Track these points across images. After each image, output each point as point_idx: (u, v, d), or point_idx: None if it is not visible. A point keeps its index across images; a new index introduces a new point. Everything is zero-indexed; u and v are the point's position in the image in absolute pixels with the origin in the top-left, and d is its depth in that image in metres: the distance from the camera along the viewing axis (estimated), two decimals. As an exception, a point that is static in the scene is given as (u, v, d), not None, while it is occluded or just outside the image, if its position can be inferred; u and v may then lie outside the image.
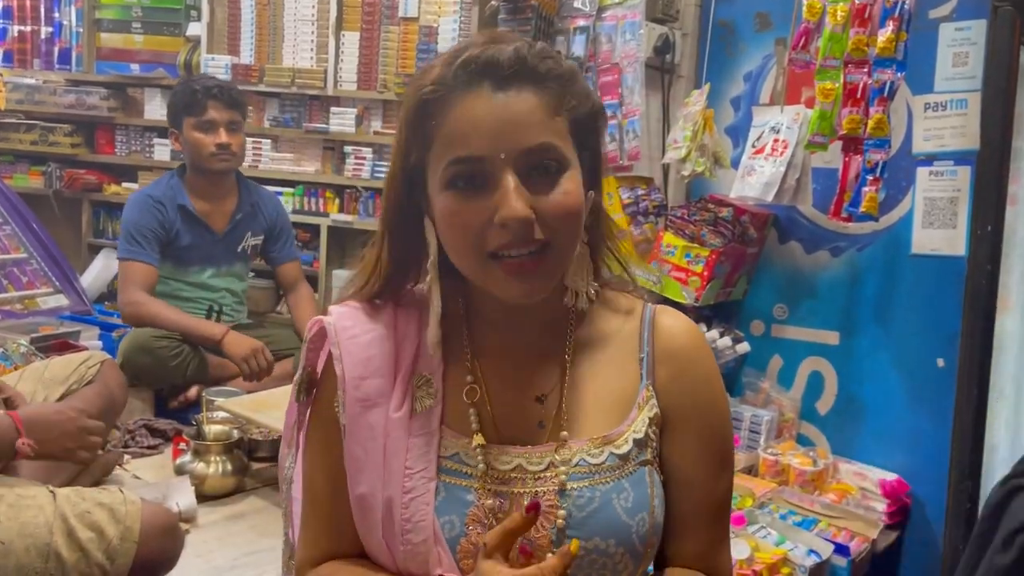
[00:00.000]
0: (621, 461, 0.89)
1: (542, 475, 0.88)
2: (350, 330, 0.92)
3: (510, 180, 0.81)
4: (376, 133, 3.50)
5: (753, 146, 2.34)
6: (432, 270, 0.90)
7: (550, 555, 0.83)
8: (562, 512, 0.86)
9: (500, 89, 0.82)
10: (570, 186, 0.84)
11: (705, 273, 2.34)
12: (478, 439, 0.89)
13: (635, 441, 0.90)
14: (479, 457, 0.88)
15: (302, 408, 0.97)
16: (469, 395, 0.91)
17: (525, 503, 0.85)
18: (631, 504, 0.88)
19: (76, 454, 1.56)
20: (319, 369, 0.97)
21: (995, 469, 2.60)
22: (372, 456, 0.89)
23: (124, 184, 3.96)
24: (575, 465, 0.88)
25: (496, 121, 0.82)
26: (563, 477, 0.87)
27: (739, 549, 1.77)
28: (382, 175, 3.48)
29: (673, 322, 0.96)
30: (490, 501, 0.87)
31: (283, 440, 1.02)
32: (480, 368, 0.92)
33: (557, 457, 0.88)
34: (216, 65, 3.64)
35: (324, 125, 3.55)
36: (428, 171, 0.87)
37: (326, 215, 3.56)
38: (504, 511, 0.86)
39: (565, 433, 0.89)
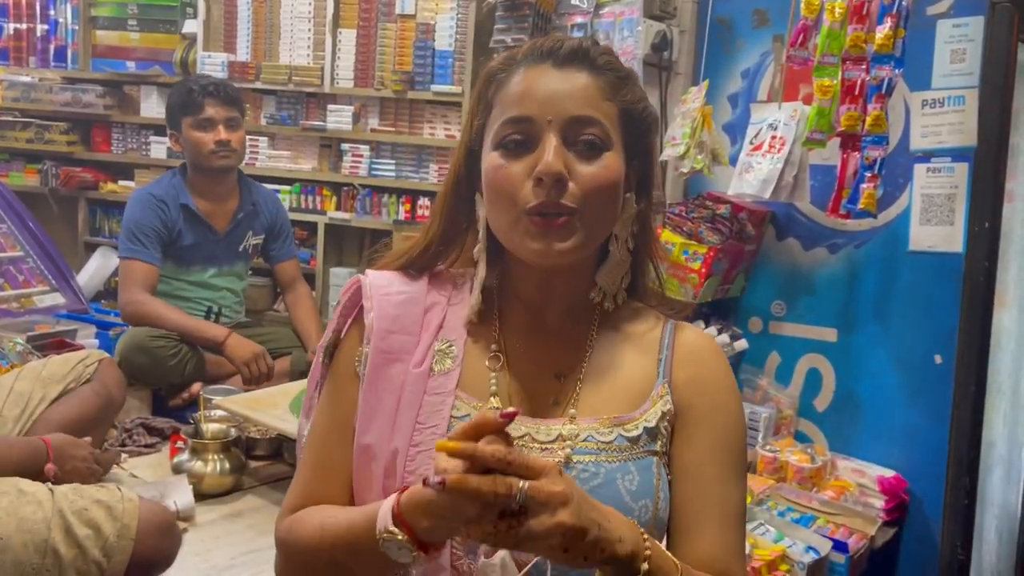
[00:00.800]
0: (630, 444, 0.91)
1: (549, 446, 0.90)
2: (384, 288, 0.98)
3: (552, 139, 0.88)
4: (373, 130, 3.49)
5: (751, 143, 2.34)
6: (481, 241, 0.96)
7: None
8: None
9: (560, 67, 0.91)
10: (611, 162, 0.90)
11: (703, 270, 2.34)
12: (494, 401, 0.93)
13: (646, 429, 0.93)
14: None
15: (324, 371, 1.01)
16: (492, 362, 0.96)
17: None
18: (636, 488, 0.90)
19: (86, 480, 1.70)
20: (346, 329, 1.00)
21: (993, 465, 2.61)
22: (386, 406, 0.92)
23: (121, 182, 3.95)
24: (583, 440, 0.90)
25: (549, 89, 0.90)
26: (569, 450, 0.89)
27: (738, 546, 1.77)
28: (379, 173, 3.48)
29: (694, 333, 1.01)
30: None
31: (302, 410, 1.06)
32: (505, 341, 0.97)
33: (566, 431, 0.91)
34: (212, 63, 3.63)
35: (321, 123, 3.54)
36: (486, 135, 0.94)
37: (323, 213, 3.56)
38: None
39: (574, 411, 0.93)
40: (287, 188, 3.59)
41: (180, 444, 2.07)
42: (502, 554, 0.85)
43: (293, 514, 0.96)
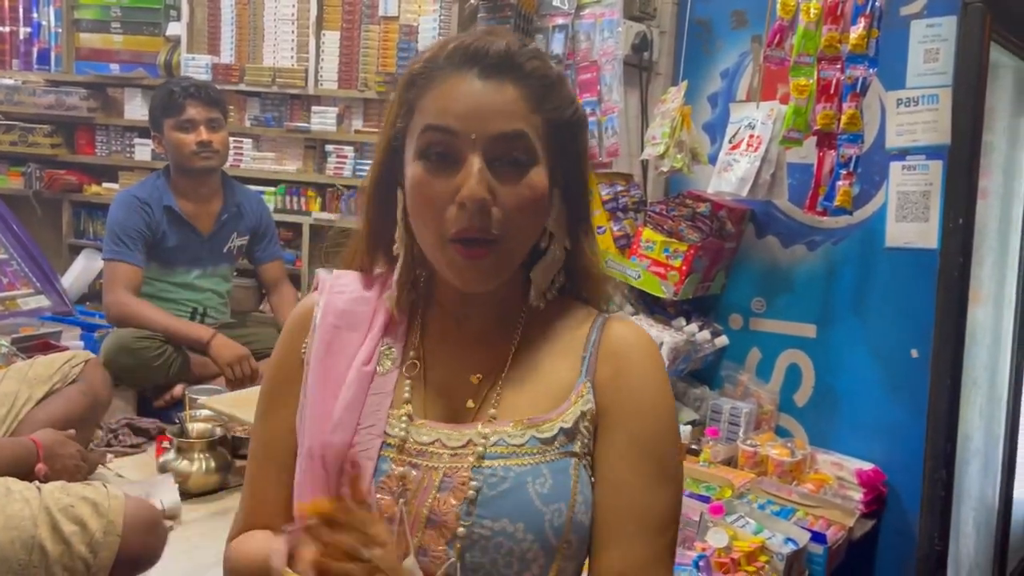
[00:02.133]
0: (543, 446, 0.88)
1: (459, 451, 0.88)
2: (338, 286, 0.98)
3: (475, 162, 0.84)
4: (357, 132, 3.51)
5: (730, 142, 2.37)
6: (399, 238, 0.94)
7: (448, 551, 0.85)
8: (472, 487, 0.85)
9: (484, 77, 0.86)
10: (535, 180, 0.87)
11: (683, 268, 2.37)
12: (406, 409, 0.91)
13: (563, 430, 0.89)
14: (402, 427, 0.90)
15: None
16: (408, 369, 0.94)
17: (437, 480, 0.86)
18: (547, 491, 0.86)
19: (74, 476, 1.72)
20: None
21: (969, 458, 2.66)
22: (327, 403, 0.91)
23: (105, 184, 3.95)
24: (493, 444, 0.88)
25: (474, 103, 0.85)
26: (480, 452, 0.87)
27: (717, 538, 1.80)
28: (363, 173, 3.49)
29: (623, 328, 0.96)
30: (400, 470, 0.88)
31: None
32: (425, 347, 0.96)
33: (476, 436, 0.88)
34: (196, 65, 3.64)
35: (305, 124, 3.56)
36: (407, 139, 0.90)
37: (308, 214, 3.57)
38: (415, 483, 0.87)
39: (493, 411, 0.91)
40: (272, 189, 3.60)
41: (166, 444, 2.08)
42: (408, 562, 0.84)
43: (234, 541, 1.00)
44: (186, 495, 1.92)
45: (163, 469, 1.98)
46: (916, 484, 2.33)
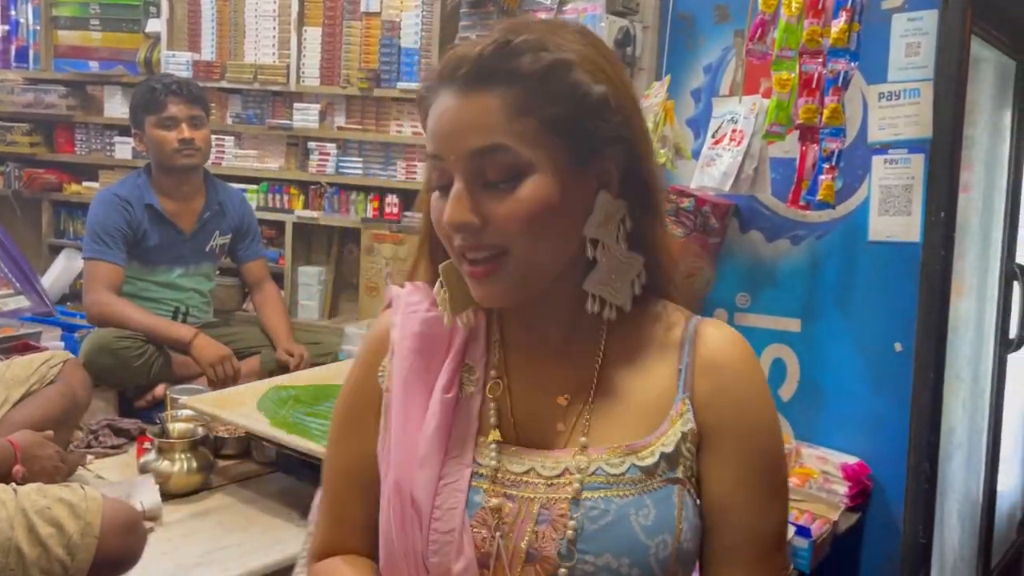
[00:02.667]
0: (645, 475, 0.83)
1: (555, 481, 0.83)
2: (414, 304, 0.92)
3: (457, 184, 0.81)
4: (340, 128, 3.49)
5: (712, 136, 2.37)
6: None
7: (561, 570, 0.81)
8: (572, 523, 0.81)
9: (463, 90, 0.81)
10: (526, 193, 0.80)
11: (668, 263, 2.37)
12: (494, 435, 0.86)
13: (663, 455, 0.84)
14: (492, 455, 0.85)
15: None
16: (492, 390, 0.89)
17: (535, 511, 0.82)
18: (651, 523, 0.82)
19: (52, 478, 1.70)
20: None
21: (953, 451, 2.67)
22: (409, 437, 0.87)
23: (85, 183, 3.91)
24: (591, 474, 0.83)
25: (451, 122, 0.81)
26: (577, 485, 0.82)
27: (702, 533, 1.79)
28: (346, 171, 3.48)
29: (717, 333, 0.89)
30: (495, 501, 0.83)
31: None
32: (507, 363, 0.90)
33: (573, 463, 0.84)
34: (177, 62, 3.61)
35: (287, 121, 3.54)
36: None
37: (291, 212, 3.55)
38: (512, 515, 0.83)
39: (584, 439, 0.85)
40: (254, 187, 3.58)
41: (147, 444, 2.06)
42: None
43: (315, 563, 0.95)
44: (167, 496, 1.90)
45: (143, 470, 1.96)
46: (900, 477, 2.34)
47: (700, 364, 0.87)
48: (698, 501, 0.86)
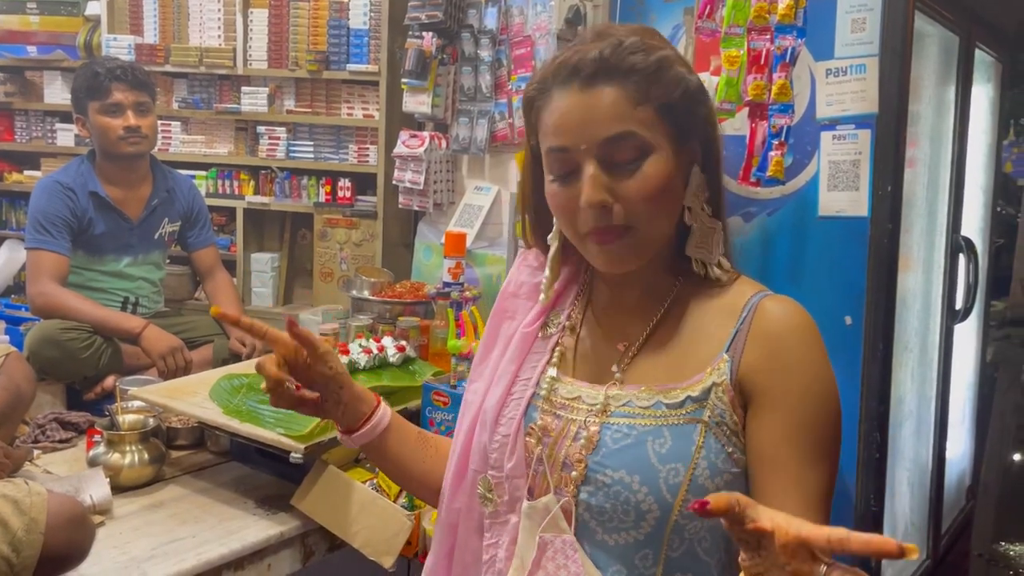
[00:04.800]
0: (669, 411, 0.96)
1: (594, 408, 1.00)
2: (528, 260, 1.15)
3: (589, 168, 0.94)
4: (289, 112, 3.43)
5: (664, 115, 2.37)
6: (554, 233, 1.07)
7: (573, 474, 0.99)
8: (597, 440, 0.97)
9: (586, 87, 0.94)
10: (651, 171, 0.94)
11: (622, 242, 2.37)
12: (552, 369, 1.06)
13: (690, 398, 0.96)
14: (549, 383, 1.05)
15: None
16: (568, 333, 1.09)
17: (573, 430, 1.00)
18: (666, 451, 0.94)
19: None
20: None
21: (903, 420, 2.73)
22: (492, 358, 1.11)
23: (26, 172, 3.82)
24: (623, 404, 0.98)
25: (579, 116, 0.94)
26: (610, 410, 0.98)
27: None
28: (297, 155, 3.43)
29: (778, 307, 0.98)
30: (545, 419, 1.03)
31: None
32: (585, 316, 1.09)
33: (611, 394, 0.99)
34: (118, 46, 3.51)
35: (235, 105, 3.47)
36: (541, 154, 1.01)
37: (241, 197, 3.49)
38: (556, 431, 1.01)
39: (619, 375, 1.01)
40: (203, 173, 3.51)
41: (96, 437, 2.01)
42: (546, 499, 0.99)
43: None
44: (119, 489, 1.86)
45: (93, 463, 1.91)
46: (852, 447, 2.38)
47: (754, 332, 0.96)
48: (730, 449, 0.95)
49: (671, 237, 1.01)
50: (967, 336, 3.46)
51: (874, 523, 2.40)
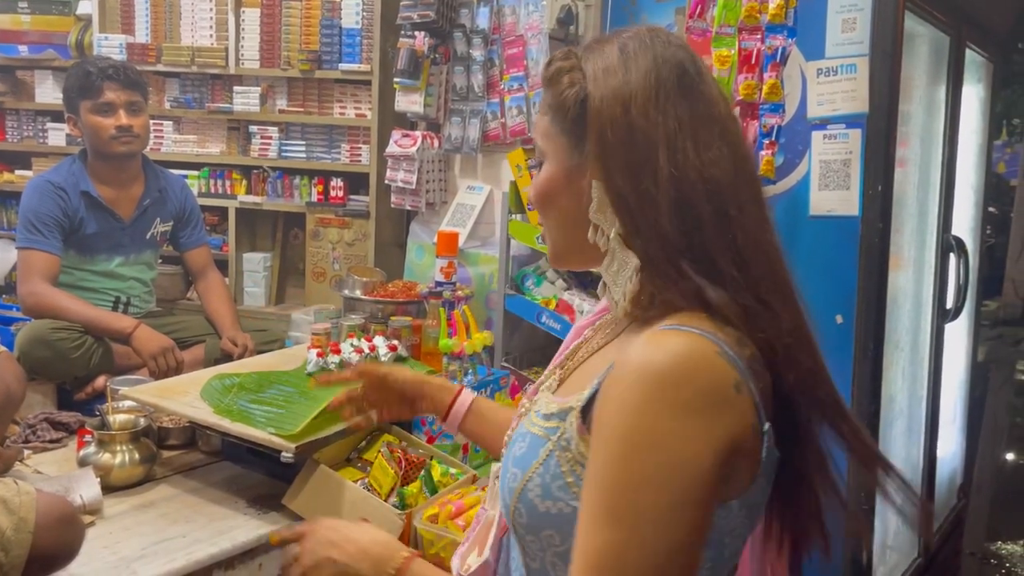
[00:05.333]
0: (538, 420, 0.93)
1: (521, 414, 1.02)
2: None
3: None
4: (282, 112, 3.43)
5: (655, 114, 2.38)
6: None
7: None
8: (508, 441, 0.99)
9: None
10: (539, 177, 0.97)
11: (613, 241, 2.38)
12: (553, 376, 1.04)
13: (554, 414, 0.90)
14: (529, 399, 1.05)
15: None
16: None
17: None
18: (518, 456, 0.92)
19: None
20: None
21: (893, 419, 2.74)
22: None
23: (17, 172, 3.80)
24: (534, 411, 0.96)
25: None
26: (523, 416, 0.99)
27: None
28: (289, 154, 3.42)
29: (642, 342, 0.82)
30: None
31: None
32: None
33: (533, 400, 1.00)
34: (110, 45, 3.50)
35: (227, 105, 3.46)
36: None
37: (233, 197, 3.48)
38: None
39: (553, 383, 1.00)
40: (195, 173, 3.50)
41: (87, 438, 2.01)
42: None
43: None
44: (109, 489, 1.86)
45: (83, 463, 1.91)
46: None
47: (617, 362, 0.84)
48: (570, 479, 0.86)
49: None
50: (958, 335, 3.48)
51: (866, 521, 2.41)
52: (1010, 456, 5.03)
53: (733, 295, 0.84)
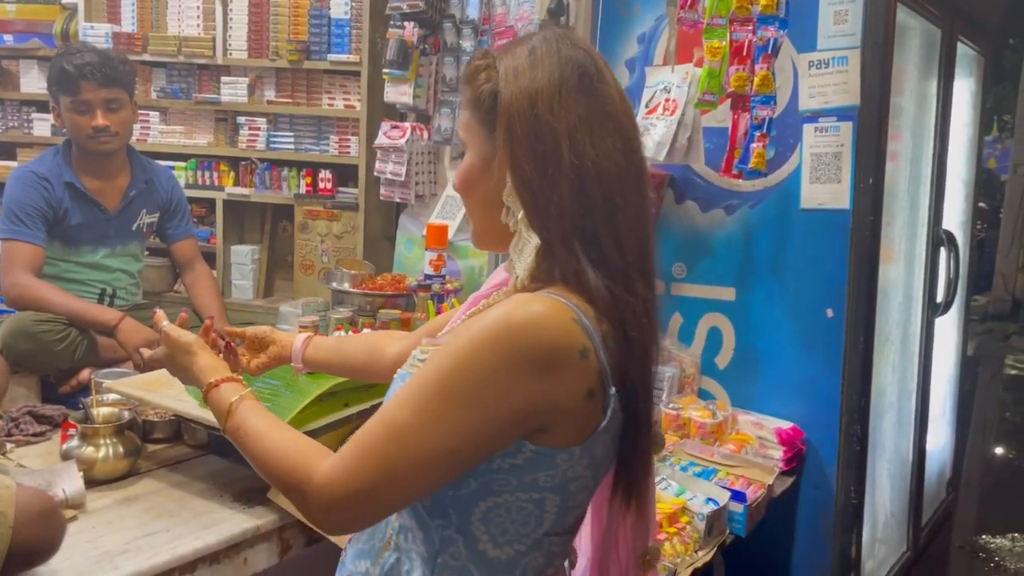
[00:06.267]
0: (415, 360, 1.04)
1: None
2: None
3: None
4: (270, 102, 3.40)
5: (646, 106, 2.37)
6: None
7: None
8: None
9: None
10: (462, 164, 1.05)
11: (604, 234, 2.36)
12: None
13: (418, 357, 1.03)
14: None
15: None
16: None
17: None
18: (390, 392, 1.07)
19: None
20: None
21: (883, 413, 2.73)
22: None
23: (2, 162, 3.75)
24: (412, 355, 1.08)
25: None
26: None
27: (639, 501, 1.80)
28: (277, 146, 3.40)
29: (514, 299, 0.95)
30: None
31: None
32: None
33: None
34: (95, 34, 3.46)
35: (215, 95, 3.43)
36: None
37: (221, 189, 3.45)
38: None
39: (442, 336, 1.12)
40: (182, 164, 3.47)
41: (71, 431, 1.98)
42: None
43: None
44: (93, 482, 1.82)
45: (66, 457, 1.88)
46: (833, 440, 2.39)
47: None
48: None
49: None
50: (948, 330, 3.48)
51: (855, 516, 2.41)
52: (999, 450, 5.05)
53: (607, 279, 0.95)
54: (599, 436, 0.94)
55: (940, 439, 3.55)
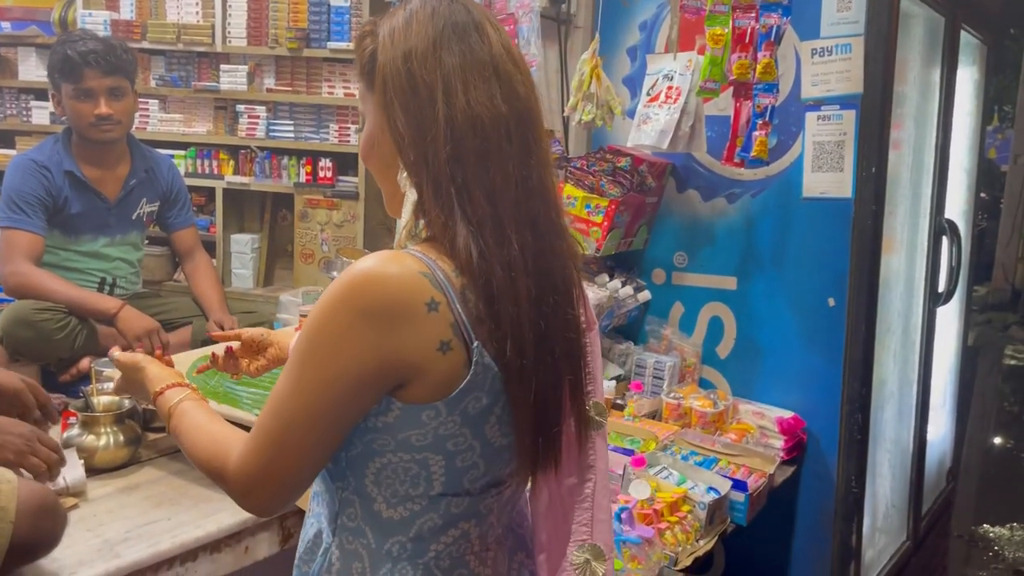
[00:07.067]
0: None
1: None
2: None
3: None
4: (269, 90, 3.38)
5: (648, 94, 2.35)
6: None
7: None
8: None
9: None
10: (362, 134, 1.07)
11: (605, 223, 2.35)
12: None
13: None
14: None
15: None
16: None
17: None
18: None
19: (25, 460, 1.54)
20: None
21: (884, 402, 2.73)
22: None
23: (1, 151, 3.74)
24: None
25: None
26: None
27: (640, 490, 1.80)
28: (277, 134, 3.38)
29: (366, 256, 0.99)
30: None
31: None
32: None
33: None
34: (94, 21, 3.44)
35: (214, 83, 3.42)
36: None
37: (221, 177, 3.44)
38: None
39: None
40: (181, 153, 3.46)
41: (71, 420, 1.98)
42: None
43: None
44: (93, 471, 1.83)
45: (66, 445, 1.87)
46: (834, 429, 2.39)
47: None
48: None
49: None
50: (949, 319, 3.47)
51: (855, 505, 2.41)
52: (998, 440, 5.06)
53: (476, 231, 0.93)
54: (467, 392, 0.92)
55: (940, 429, 3.55)
